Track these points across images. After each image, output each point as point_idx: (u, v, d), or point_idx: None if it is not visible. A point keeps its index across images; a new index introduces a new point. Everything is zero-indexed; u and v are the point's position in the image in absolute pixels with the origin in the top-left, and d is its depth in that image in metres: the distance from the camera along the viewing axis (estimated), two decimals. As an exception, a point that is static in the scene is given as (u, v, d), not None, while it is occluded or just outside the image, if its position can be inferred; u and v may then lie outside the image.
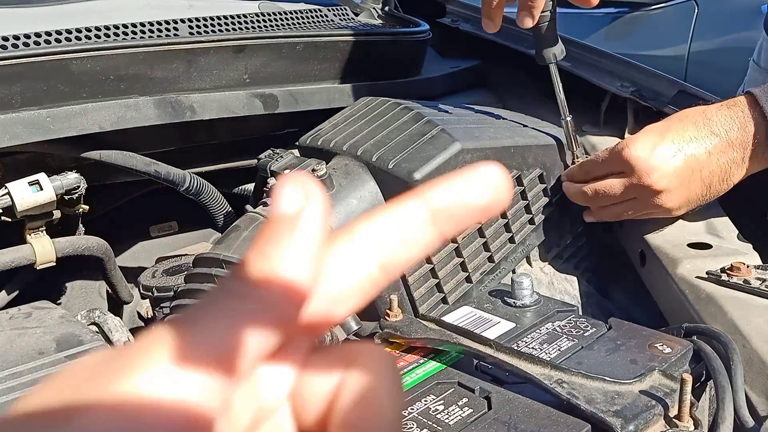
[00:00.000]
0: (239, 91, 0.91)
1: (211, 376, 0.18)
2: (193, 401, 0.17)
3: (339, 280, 0.20)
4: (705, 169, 0.73)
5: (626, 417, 0.51)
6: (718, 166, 0.73)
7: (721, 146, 0.72)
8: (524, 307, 0.67)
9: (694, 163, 0.72)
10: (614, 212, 0.79)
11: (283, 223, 0.19)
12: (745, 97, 0.73)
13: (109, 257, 0.85)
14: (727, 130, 0.72)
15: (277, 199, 0.19)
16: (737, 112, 0.72)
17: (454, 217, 0.21)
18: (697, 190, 0.74)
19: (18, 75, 0.75)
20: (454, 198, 0.21)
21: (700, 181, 0.73)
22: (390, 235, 0.21)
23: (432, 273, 0.74)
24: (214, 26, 0.95)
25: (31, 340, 0.64)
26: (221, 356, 0.18)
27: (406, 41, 1.08)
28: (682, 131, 0.72)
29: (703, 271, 0.70)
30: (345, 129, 0.82)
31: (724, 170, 0.73)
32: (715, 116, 0.72)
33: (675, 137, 0.72)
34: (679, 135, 0.72)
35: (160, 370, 0.17)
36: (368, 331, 0.66)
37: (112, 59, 0.80)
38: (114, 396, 0.17)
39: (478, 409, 0.53)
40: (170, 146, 0.93)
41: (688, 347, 0.60)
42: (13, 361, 0.60)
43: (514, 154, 0.81)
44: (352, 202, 0.74)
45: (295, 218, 0.19)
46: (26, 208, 0.74)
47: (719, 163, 0.72)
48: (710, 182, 0.73)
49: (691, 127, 0.72)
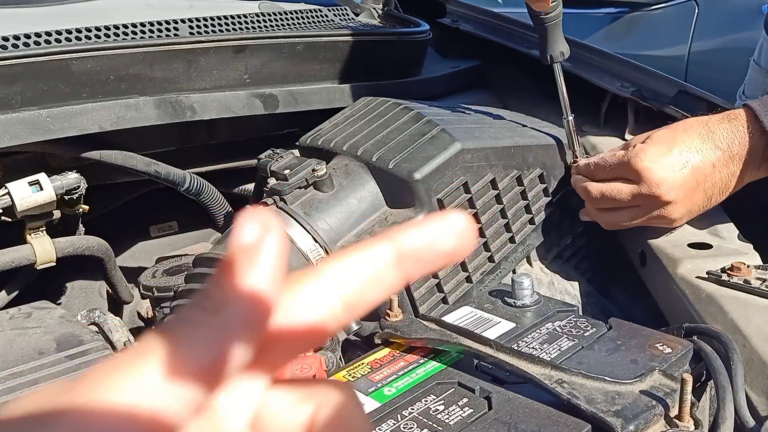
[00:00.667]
0: (239, 91, 0.91)
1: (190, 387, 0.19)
2: (168, 411, 0.18)
3: (300, 314, 0.21)
4: (708, 182, 0.74)
5: (626, 417, 0.51)
6: (720, 178, 0.74)
7: (723, 159, 0.73)
8: (524, 307, 0.67)
9: (699, 176, 0.73)
10: (612, 218, 0.79)
11: (242, 252, 0.20)
12: (744, 111, 0.73)
13: (110, 257, 0.85)
14: (729, 143, 0.73)
15: (238, 232, 0.20)
16: (738, 126, 0.73)
17: (420, 261, 0.22)
18: (699, 201, 0.75)
19: (18, 75, 0.75)
20: (421, 242, 0.22)
21: (702, 193, 0.74)
22: (356, 274, 0.22)
23: (432, 274, 0.74)
24: (214, 26, 0.95)
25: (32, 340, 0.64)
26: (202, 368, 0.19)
27: (407, 41, 1.08)
28: (688, 143, 0.73)
29: (704, 271, 0.71)
30: (345, 129, 0.82)
31: (725, 182, 0.74)
32: (717, 129, 0.73)
33: (682, 149, 0.73)
34: (686, 147, 0.73)
35: (143, 380, 0.18)
36: (368, 331, 0.66)
37: (113, 59, 0.80)
38: (92, 404, 0.18)
39: (479, 409, 0.53)
40: (170, 146, 0.93)
41: (688, 347, 0.60)
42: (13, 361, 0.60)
43: (515, 154, 0.81)
44: (352, 202, 0.74)
45: (254, 247, 0.20)
46: (26, 208, 0.74)
47: (721, 175, 0.74)
48: (711, 194, 0.75)
49: (696, 140, 0.73)
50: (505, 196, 0.79)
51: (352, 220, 0.74)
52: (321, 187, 0.75)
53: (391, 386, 0.57)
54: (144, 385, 0.18)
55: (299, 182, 0.75)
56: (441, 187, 0.74)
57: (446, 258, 0.23)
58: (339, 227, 0.73)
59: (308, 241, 0.71)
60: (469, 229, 0.23)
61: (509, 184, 0.80)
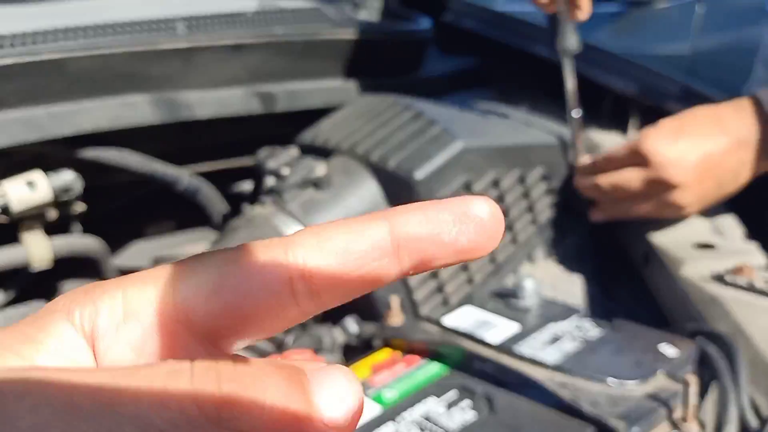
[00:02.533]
0: (237, 89, 0.90)
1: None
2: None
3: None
4: (718, 168, 0.73)
5: (631, 419, 0.51)
6: (730, 165, 0.73)
7: (733, 146, 0.72)
8: (527, 309, 0.67)
9: (708, 160, 0.73)
10: (626, 209, 0.78)
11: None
12: (751, 100, 0.73)
13: (106, 257, 0.85)
14: (737, 130, 0.72)
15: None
16: (745, 115, 0.73)
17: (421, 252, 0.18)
18: (709, 188, 0.74)
19: (13, 73, 0.74)
20: (427, 230, 0.18)
21: (713, 179, 0.74)
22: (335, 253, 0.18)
23: (433, 274, 0.74)
24: (211, 24, 0.94)
25: (27, 342, 0.63)
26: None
27: (408, 39, 1.07)
28: (697, 128, 0.73)
29: (708, 271, 0.70)
30: (345, 127, 0.81)
31: (736, 170, 0.73)
32: (726, 116, 0.73)
33: (691, 134, 0.73)
34: (695, 132, 0.73)
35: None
36: (368, 334, 0.66)
37: (109, 57, 0.80)
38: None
39: (481, 413, 0.53)
40: (167, 145, 0.92)
41: (692, 349, 0.59)
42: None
43: (517, 153, 0.80)
44: (353, 201, 0.74)
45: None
46: (22, 207, 0.74)
47: (731, 162, 0.73)
48: (722, 181, 0.74)
49: (705, 125, 0.73)
50: (507, 195, 0.79)
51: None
52: (320, 186, 0.74)
53: (392, 389, 0.56)
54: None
55: (298, 181, 0.74)
56: (442, 186, 0.73)
57: (458, 255, 0.18)
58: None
59: (307, 241, 0.70)
60: (495, 219, 0.18)
61: (511, 183, 0.79)
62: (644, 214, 0.77)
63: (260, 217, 0.73)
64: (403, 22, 1.13)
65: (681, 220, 0.79)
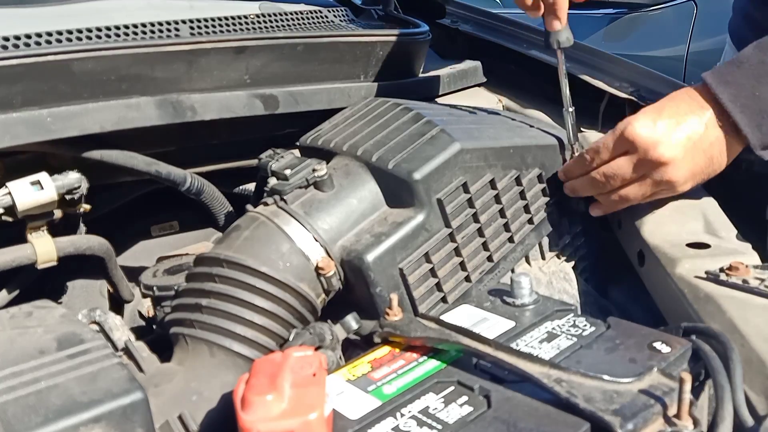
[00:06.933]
0: (240, 91, 0.91)
1: None
2: None
3: None
4: (704, 140, 0.75)
5: (625, 415, 0.51)
6: (715, 137, 0.76)
7: (713, 118, 0.75)
8: (523, 306, 0.68)
9: (693, 134, 0.75)
10: (623, 196, 0.79)
11: None
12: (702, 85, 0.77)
13: (111, 256, 0.85)
14: (710, 107, 0.75)
15: None
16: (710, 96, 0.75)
17: None
18: (700, 161, 0.76)
19: (19, 75, 0.75)
20: None
21: (702, 152, 0.76)
22: None
23: (431, 272, 0.75)
24: (215, 27, 0.95)
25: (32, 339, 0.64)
26: None
27: (406, 42, 1.09)
28: (676, 107, 0.76)
29: (702, 270, 0.71)
30: (345, 129, 0.82)
31: (721, 141, 0.76)
32: (700, 96, 0.76)
33: (671, 112, 0.76)
34: (675, 110, 0.76)
35: None
36: (368, 330, 0.67)
37: (113, 60, 0.81)
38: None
39: (478, 408, 0.53)
40: (171, 146, 0.93)
41: (687, 346, 0.60)
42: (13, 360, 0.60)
43: (514, 154, 0.81)
44: (352, 201, 0.75)
45: None
46: (27, 207, 0.75)
47: (716, 134, 0.76)
48: (711, 153, 0.76)
49: (683, 104, 0.76)
50: (504, 196, 0.80)
51: (352, 219, 0.74)
52: (321, 187, 0.75)
53: (391, 384, 0.57)
54: None
55: (299, 182, 0.75)
56: (440, 187, 0.74)
57: None
58: (339, 227, 0.73)
59: (308, 240, 0.72)
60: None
61: (508, 184, 0.80)
62: (641, 198, 0.79)
63: (262, 217, 0.74)
64: (402, 26, 1.15)
65: (676, 218, 0.80)
